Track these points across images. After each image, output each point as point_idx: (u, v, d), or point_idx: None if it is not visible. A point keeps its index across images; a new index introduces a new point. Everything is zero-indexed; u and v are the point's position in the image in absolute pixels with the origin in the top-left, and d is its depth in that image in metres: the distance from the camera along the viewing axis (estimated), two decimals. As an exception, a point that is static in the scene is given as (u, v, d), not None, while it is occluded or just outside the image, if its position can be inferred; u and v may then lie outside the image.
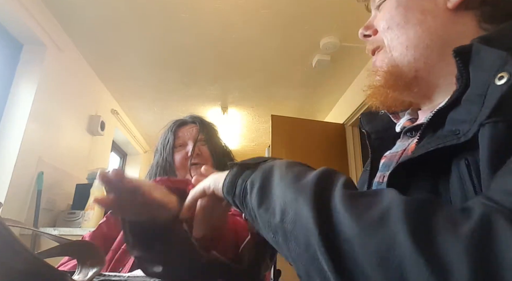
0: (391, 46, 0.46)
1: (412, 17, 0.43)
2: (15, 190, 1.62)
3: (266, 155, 3.01)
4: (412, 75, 0.44)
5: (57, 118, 1.99)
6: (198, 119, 0.99)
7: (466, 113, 0.32)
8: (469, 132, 0.29)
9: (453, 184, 0.31)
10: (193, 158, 0.91)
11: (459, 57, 0.34)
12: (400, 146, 0.46)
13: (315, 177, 0.31)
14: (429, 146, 0.32)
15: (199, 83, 2.67)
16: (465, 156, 0.30)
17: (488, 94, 0.29)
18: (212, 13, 1.85)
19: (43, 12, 1.80)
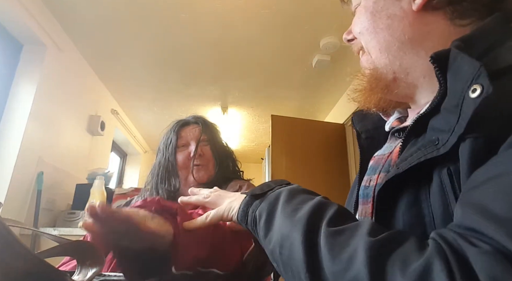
0: (367, 49, 0.47)
1: (379, 22, 0.45)
2: (15, 190, 1.62)
3: (266, 155, 3.01)
4: (391, 77, 0.45)
5: (57, 118, 1.99)
6: (201, 119, 1.00)
7: (444, 122, 0.32)
8: (448, 143, 0.30)
9: (433, 192, 0.32)
10: (195, 159, 0.91)
11: (437, 64, 0.34)
12: (387, 148, 0.47)
13: (307, 213, 0.34)
14: (412, 160, 0.33)
15: (199, 83, 2.67)
16: (447, 165, 0.31)
17: (464, 106, 0.29)
18: (212, 13, 1.85)
19: (43, 12, 1.80)
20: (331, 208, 0.35)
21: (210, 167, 0.93)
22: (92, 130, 2.41)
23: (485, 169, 0.27)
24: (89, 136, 2.41)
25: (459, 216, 0.26)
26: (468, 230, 0.24)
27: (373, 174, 0.46)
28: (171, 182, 0.92)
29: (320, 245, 0.30)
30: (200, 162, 0.92)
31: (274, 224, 0.37)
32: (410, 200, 0.34)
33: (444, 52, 0.34)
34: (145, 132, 3.72)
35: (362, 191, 0.47)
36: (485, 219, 0.23)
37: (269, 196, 0.42)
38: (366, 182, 0.47)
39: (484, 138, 0.28)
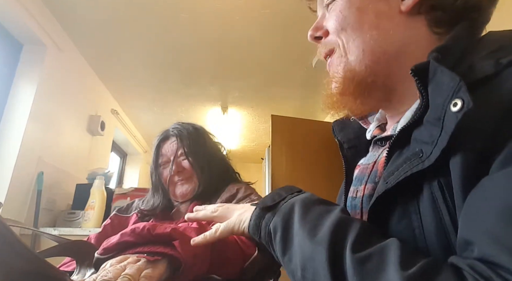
0: (346, 48, 0.43)
1: (367, 19, 0.42)
2: (15, 190, 1.62)
3: (266, 155, 3.01)
4: (370, 80, 0.42)
5: (57, 118, 1.99)
6: (178, 130, 0.96)
7: (427, 134, 0.32)
8: (432, 156, 0.30)
9: (424, 205, 0.32)
10: (176, 176, 0.91)
11: (418, 77, 0.34)
12: (371, 157, 0.46)
13: (329, 234, 0.33)
14: (398, 174, 0.33)
15: (199, 83, 2.67)
16: (437, 178, 0.31)
17: (446, 119, 0.30)
18: (212, 13, 1.85)
19: (43, 12, 1.80)
20: (353, 227, 0.33)
21: (194, 180, 0.92)
22: (92, 130, 2.41)
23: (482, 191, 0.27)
24: (89, 136, 2.41)
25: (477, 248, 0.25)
26: (492, 263, 0.24)
27: (359, 185, 0.45)
28: (156, 198, 0.93)
29: (347, 274, 0.29)
30: (183, 177, 0.92)
31: (293, 242, 0.36)
32: (400, 212, 0.34)
33: (424, 64, 0.33)
34: (145, 132, 3.72)
35: (349, 202, 0.46)
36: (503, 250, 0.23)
37: (281, 208, 0.40)
38: (353, 193, 0.46)
39: (473, 152, 0.28)
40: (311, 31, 0.49)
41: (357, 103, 0.44)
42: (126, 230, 0.45)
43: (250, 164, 4.55)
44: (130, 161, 3.87)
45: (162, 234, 0.45)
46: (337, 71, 0.44)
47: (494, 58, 0.31)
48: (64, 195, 2.03)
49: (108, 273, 0.37)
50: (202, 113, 3.19)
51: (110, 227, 0.91)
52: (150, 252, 0.43)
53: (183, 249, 0.44)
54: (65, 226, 1.82)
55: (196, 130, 0.98)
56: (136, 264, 0.39)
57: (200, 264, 0.48)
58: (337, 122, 0.57)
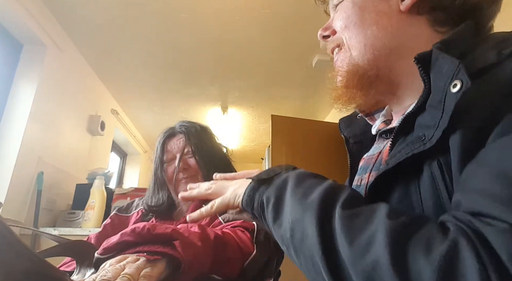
0: (349, 44, 0.47)
1: (368, 17, 0.45)
2: (15, 190, 1.62)
3: (266, 155, 3.01)
4: (373, 73, 0.45)
5: (57, 118, 1.99)
6: (185, 128, 0.95)
7: (430, 118, 0.34)
8: (433, 138, 0.32)
9: (424, 183, 0.33)
10: (181, 173, 0.90)
11: (421, 64, 0.36)
12: (376, 149, 0.48)
13: (319, 197, 0.34)
14: (400, 156, 0.34)
15: (199, 83, 2.67)
16: (437, 157, 0.32)
17: (446, 101, 0.31)
18: (212, 13, 1.85)
19: (43, 12, 1.80)
20: (344, 191, 0.34)
21: (199, 178, 0.91)
22: (92, 130, 2.41)
23: (477, 160, 0.28)
24: (89, 136, 2.41)
25: (465, 202, 0.27)
26: (478, 214, 0.25)
27: (363, 173, 0.47)
28: (161, 195, 0.92)
29: (335, 229, 0.30)
30: (188, 175, 0.90)
31: (284, 208, 0.37)
32: (400, 194, 0.35)
33: (426, 53, 0.35)
34: (145, 132, 3.72)
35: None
36: (491, 202, 0.24)
37: (276, 181, 0.41)
38: (358, 182, 0.47)
39: (472, 129, 0.29)
40: (321, 31, 0.53)
41: (360, 95, 0.47)
42: (126, 230, 0.45)
43: (250, 164, 4.55)
44: (130, 161, 3.87)
45: (163, 234, 0.44)
46: (341, 65, 0.48)
47: (497, 49, 0.33)
48: (64, 195, 2.03)
49: (107, 273, 0.37)
50: (202, 113, 3.19)
51: (110, 226, 0.91)
52: (150, 252, 0.43)
53: (183, 249, 0.44)
54: (65, 226, 1.82)
55: (203, 130, 0.98)
56: (135, 264, 0.39)
57: (201, 264, 0.48)
58: (343, 119, 0.59)
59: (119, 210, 0.97)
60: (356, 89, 0.46)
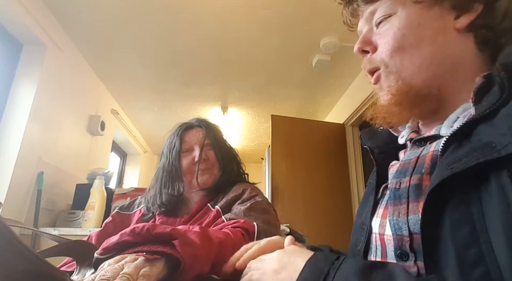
0: (400, 68, 0.46)
1: (425, 35, 0.44)
2: (15, 190, 1.62)
3: (266, 155, 3.01)
4: (425, 92, 0.45)
5: (57, 118, 1.99)
6: (204, 122, 0.99)
7: (507, 126, 0.33)
8: (510, 145, 0.31)
9: (490, 193, 0.32)
10: (200, 164, 0.91)
11: (505, 72, 0.35)
12: (412, 154, 0.47)
13: None
14: (468, 161, 0.33)
15: (199, 83, 2.67)
16: (507, 167, 0.31)
17: None
18: (212, 13, 1.85)
19: (43, 12, 1.80)
20: None
21: (215, 171, 0.93)
22: (92, 130, 2.41)
23: None
24: (89, 136, 2.41)
25: None
26: None
27: (402, 177, 0.46)
28: (175, 186, 0.91)
29: None
30: (205, 166, 0.92)
31: None
32: (459, 199, 0.35)
33: (510, 62, 0.36)
34: (145, 132, 3.72)
35: (392, 194, 0.46)
36: None
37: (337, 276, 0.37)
38: (396, 185, 0.46)
39: None
40: (360, 44, 0.50)
41: (407, 113, 0.47)
42: (126, 230, 0.45)
43: (250, 164, 4.55)
44: (130, 161, 3.87)
45: (162, 234, 0.44)
46: (390, 85, 0.47)
47: None
48: (64, 195, 2.03)
49: (106, 272, 0.37)
50: (202, 113, 3.19)
51: (112, 224, 0.91)
52: (149, 251, 0.43)
53: (183, 249, 0.44)
54: (65, 226, 1.82)
55: (217, 126, 1.03)
56: (134, 263, 0.39)
57: (201, 264, 0.48)
58: (365, 131, 0.60)
59: (121, 208, 0.97)
60: (408, 107, 0.46)
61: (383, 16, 0.47)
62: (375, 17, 0.49)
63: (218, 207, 0.83)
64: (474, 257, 0.32)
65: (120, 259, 0.40)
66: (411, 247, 0.40)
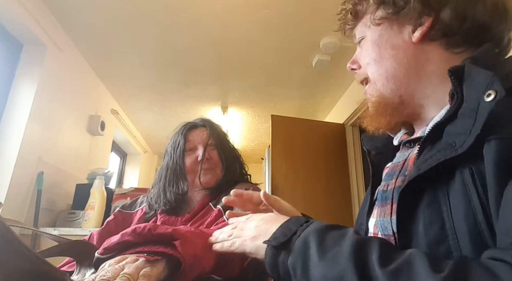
0: (374, 78, 0.52)
1: (385, 52, 0.50)
2: (15, 190, 1.62)
3: (266, 155, 3.01)
4: (397, 101, 0.50)
5: (57, 118, 1.99)
6: (208, 122, 1.00)
7: (461, 126, 0.36)
8: (465, 144, 0.34)
9: (455, 190, 0.35)
10: (202, 163, 0.92)
11: (454, 76, 0.39)
12: (401, 157, 0.51)
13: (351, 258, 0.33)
14: (431, 161, 0.36)
15: (199, 83, 2.67)
16: (468, 165, 0.34)
17: (480, 109, 0.34)
18: (212, 13, 1.85)
19: (43, 12, 1.80)
20: (373, 244, 0.34)
21: (218, 171, 0.94)
22: (92, 130, 2.41)
23: None
24: (89, 136, 2.41)
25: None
26: None
27: (390, 179, 0.49)
28: (179, 185, 0.91)
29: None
30: (208, 166, 0.93)
31: (315, 274, 0.36)
32: (429, 197, 0.37)
33: (459, 67, 0.39)
34: (145, 132, 3.72)
35: (380, 195, 0.49)
36: None
37: (296, 244, 0.40)
38: (384, 187, 0.49)
39: (507, 141, 0.31)
40: (350, 64, 0.59)
41: (389, 120, 0.52)
42: (127, 230, 0.45)
43: (250, 164, 4.52)
44: (130, 161, 3.87)
45: (163, 234, 0.44)
46: (370, 97, 0.53)
47: None
48: (64, 195, 2.03)
49: (107, 273, 0.37)
50: (202, 113, 3.18)
51: (113, 223, 0.91)
52: (150, 252, 0.43)
53: (184, 249, 0.44)
54: (65, 226, 1.82)
55: (221, 127, 1.04)
56: (135, 263, 0.39)
57: (202, 265, 0.48)
58: (366, 135, 0.63)
59: (123, 207, 0.97)
60: (383, 115, 0.51)
61: (359, 39, 0.55)
62: (356, 39, 0.57)
63: (220, 206, 0.83)
64: (443, 253, 0.34)
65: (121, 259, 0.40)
66: (396, 245, 0.42)
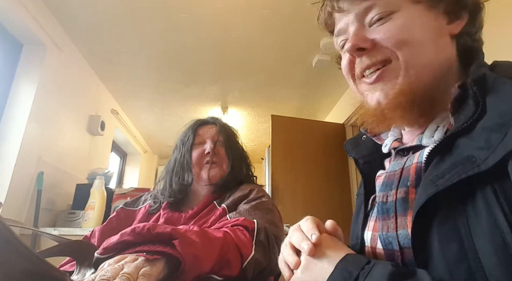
0: (408, 63, 0.42)
1: (429, 35, 0.43)
2: (15, 190, 1.62)
3: (266, 155, 3.01)
4: (426, 95, 0.43)
5: (57, 118, 1.99)
6: (219, 121, 1.03)
7: (484, 140, 0.33)
8: (489, 159, 0.31)
9: (475, 208, 0.32)
10: (209, 157, 0.93)
11: (477, 87, 0.36)
12: (396, 165, 0.47)
13: None
14: (452, 177, 0.33)
15: (199, 83, 2.67)
16: (490, 182, 0.31)
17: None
18: (212, 13, 1.85)
19: (43, 12, 1.80)
20: None
21: (224, 167, 0.95)
22: (92, 130, 2.41)
23: None
24: (89, 136, 2.41)
25: None
26: None
27: (389, 190, 0.45)
28: (185, 177, 0.94)
29: None
30: (215, 160, 0.94)
31: None
32: (446, 214, 0.35)
33: (481, 76, 0.36)
34: (145, 132, 3.72)
35: (380, 207, 0.45)
36: None
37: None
38: (383, 198, 0.45)
39: None
40: (356, 41, 0.45)
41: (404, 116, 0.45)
42: (126, 230, 0.45)
43: (250, 164, 4.54)
44: (130, 161, 3.87)
45: (163, 234, 0.44)
46: (395, 85, 0.43)
47: None
48: (64, 195, 2.03)
49: (106, 272, 0.37)
50: (202, 113, 3.18)
51: (115, 219, 0.91)
52: (150, 251, 0.43)
53: (183, 249, 0.44)
54: (65, 226, 1.82)
55: (233, 129, 1.06)
56: (134, 263, 0.39)
57: (202, 264, 0.48)
58: (349, 141, 0.60)
59: (126, 204, 0.98)
60: (405, 109, 0.43)
61: (382, 13, 0.44)
62: (371, 14, 0.45)
63: (225, 205, 0.84)
64: (465, 273, 0.32)
65: (120, 259, 0.40)
66: (402, 261, 0.40)
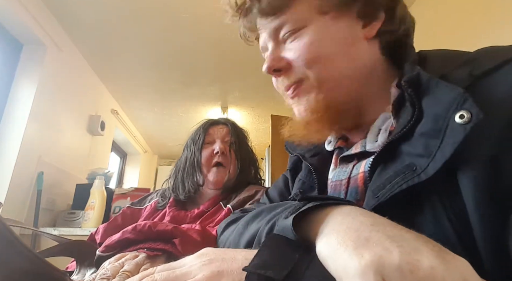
0: (320, 79, 0.43)
1: (339, 48, 0.42)
2: (15, 190, 1.62)
3: (266, 155, 3.01)
4: (345, 107, 0.43)
5: (57, 118, 1.99)
6: (231, 122, 1.03)
7: (422, 147, 0.32)
8: (429, 168, 0.30)
9: (427, 221, 0.31)
10: (218, 157, 0.93)
11: (411, 88, 0.34)
12: (341, 173, 0.45)
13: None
14: (392, 188, 0.32)
15: (199, 83, 2.67)
16: (435, 190, 0.30)
17: (449, 131, 0.29)
18: (212, 13, 1.85)
19: (43, 12, 1.80)
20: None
21: (232, 169, 0.94)
22: (92, 130, 2.41)
23: None
24: (89, 136, 2.41)
25: None
26: None
27: None
28: (196, 177, 0.93)
29: None
30: (222, 161, 0.93)
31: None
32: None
33: (414, 76, 0.34)
34: (145, 132, 3.72)
35: None
36: None
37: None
38: None
39: (482, 162, 0.27)
40: (272, 62, 0.45)
41: (331, 128, 0.46)
42: (128, 228, 0.45)
43: (250, 164, 4.54)
44: (130, 161, 3.87)
45: (163, 231, 0.45)
46: (310, 100, 0.44)
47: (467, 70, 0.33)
48: (64, 195, 2.02)
49: (106, 271, 0.37)
50: (202, 113, 3.19)
51: (120, 217, 0.91)
52: (150, 248, 0.43)
53: (183, 247, 0.44)
54: (65, 226, 1.82)
55: (244, 131, 1.06)
56: (135, 260, 0.39)
57: None
58: (289, 141, 0.57)
59: (133, 203, 0.98)
60: (329, 122, 0.44)
61: (292, 31, 0.44)
62: (283, 31, 0.45)
63: (230, 206, 0.84)
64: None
65: (120, 257, 0.40)
66: None
